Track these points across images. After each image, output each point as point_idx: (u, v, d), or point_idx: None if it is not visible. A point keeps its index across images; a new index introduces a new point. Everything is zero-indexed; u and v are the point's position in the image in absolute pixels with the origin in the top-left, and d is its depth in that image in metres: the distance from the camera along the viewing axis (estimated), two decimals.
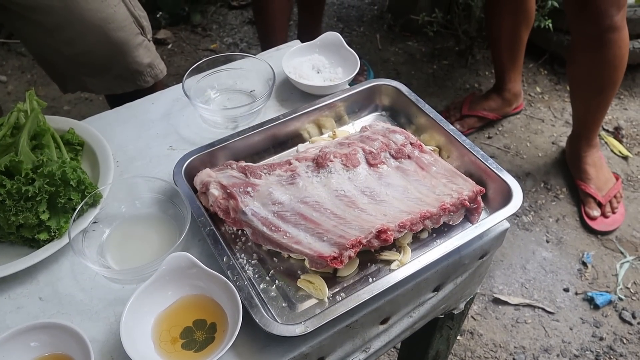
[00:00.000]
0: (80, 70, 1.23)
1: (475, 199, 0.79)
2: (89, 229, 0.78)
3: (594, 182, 1.89)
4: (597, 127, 1.87)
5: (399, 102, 0.96)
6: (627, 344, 1.56)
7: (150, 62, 1.25)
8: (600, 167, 1.92)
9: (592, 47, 1.63)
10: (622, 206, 1.90)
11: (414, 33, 2.65)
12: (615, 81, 1.70)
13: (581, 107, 1.84)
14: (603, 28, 1.57)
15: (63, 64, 1.22)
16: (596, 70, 1.68)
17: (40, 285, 0.75)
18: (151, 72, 1.26)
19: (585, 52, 1.67)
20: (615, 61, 1.64)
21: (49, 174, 0.75)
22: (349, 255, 0.69)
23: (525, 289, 1.69)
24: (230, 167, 0.82)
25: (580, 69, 1.73)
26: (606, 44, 1.60)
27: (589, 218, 1.88)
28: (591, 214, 1.87)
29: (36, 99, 0.89)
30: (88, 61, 1.19)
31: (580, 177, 1.93)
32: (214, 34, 2.70)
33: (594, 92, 1.74)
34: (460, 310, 0.98)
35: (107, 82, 1.25)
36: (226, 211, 0.77)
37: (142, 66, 1.23)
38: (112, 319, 0.70)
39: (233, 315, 0.66)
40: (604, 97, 1.75)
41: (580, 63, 1.71)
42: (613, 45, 1.60)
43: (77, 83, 1.28)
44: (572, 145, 1.96)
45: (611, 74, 1.67)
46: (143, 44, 1.22)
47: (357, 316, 0.71)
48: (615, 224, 1.85)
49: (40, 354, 0.65)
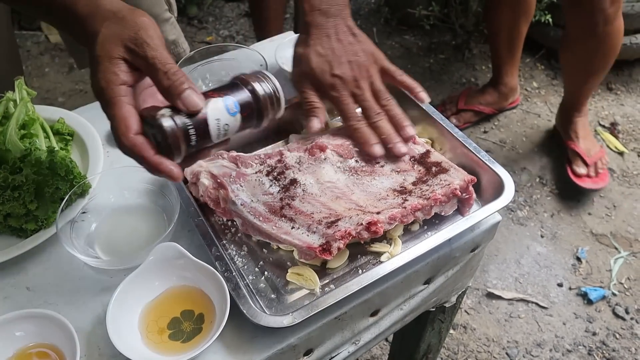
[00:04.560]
0: None
1: (466, 188, 0.78)
2: (77, 219, 0.77)
3: (582, 143, 1.95)
4: (586, 99, 1.94)
5: (392, 95, 0.95)
6: (619, 339, 1.56)
7: (175, 39, 1.25)
8: (588, 133, 1.98)
9: (585, 37, 1.65)
10: (606, 172, 1.95)
11: (411, 27, 2.64)
12: (606, 66, 1.75)
13: (572, 86, 1.90)
14: (597, 20, 1.58)
15: None
16: (588, 58, 1.71)
17: (28, 275, 0.74)
18: (174, 50, 1.26)
19: (578, 41, 1.69)
20: (609, 51, 1.68)
21: (36, 163, 0.75)
22: (338, 246, 0.68)
23: (519, 283, 1.69)
24: (221, 157, 0.81)
25: (573, 56, 1.77)
26: (599, 35, 1.62)
27: (575, 175, 1.93)
28: (578, 172, 1.93)
29: (25, 88, 0.88)
30: None
31: (570, 137, 1.99)
32: (210, 26, 2.69)
33: (586, 75, 1.80)
34: (451, 303, 0.98)
35: None
36: (216, 201, 0.77)
37: (167, 42, 1.23)
38: (100, 310, 0.70)
39: (221, 306, 0.65)
40: (595, 78, 1.82)
41: (574, 51, 1.74)
42: (606, 37, 1.63)
43: None
44: (563, 112, 2.02)
45: (603, 60, 1.72)
46: (170, 20, 1.22)
47: (346, 308, 0.71)
48: (599, 184, 1.91)
49: (25, 344, 0.64)
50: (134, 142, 0.58)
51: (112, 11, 0.60)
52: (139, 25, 0.59)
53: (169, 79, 0.58)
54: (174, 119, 0.58)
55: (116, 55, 0.58)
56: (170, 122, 0.58)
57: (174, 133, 0.58)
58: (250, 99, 0.64)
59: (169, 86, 0.58)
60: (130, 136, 0.57)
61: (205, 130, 0.60)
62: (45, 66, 2.51)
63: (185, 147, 0.60)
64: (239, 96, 0.64)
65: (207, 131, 0.61)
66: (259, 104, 0.65)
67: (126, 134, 0.57)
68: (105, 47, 0.58)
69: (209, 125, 0.60)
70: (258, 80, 0.65)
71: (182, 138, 0.59)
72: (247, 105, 0.64)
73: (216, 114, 0.61)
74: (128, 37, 0.58)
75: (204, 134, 0.61)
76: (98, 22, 0.59)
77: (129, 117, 0.57)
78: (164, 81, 0.58)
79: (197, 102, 0.59)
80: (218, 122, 0.61)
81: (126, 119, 0.57)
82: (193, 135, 0.60)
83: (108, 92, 0.58)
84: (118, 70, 0.58)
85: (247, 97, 0.64)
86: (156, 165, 0.59)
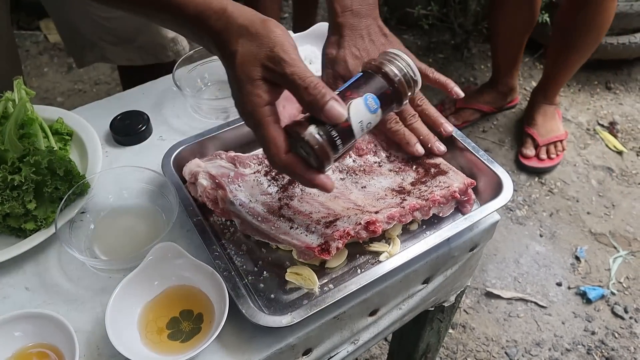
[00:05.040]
0: (104, 37, 1.23)
1: (465, 191, 0.78)
2: (76, 219, 0.77)
3: (536, 128, 1.99)
4: (558, 87, 1.97)
5: None
6: (618, 338, 1.56)
7: (174, 37, 1.26)
8: (550, 118, 2.01)
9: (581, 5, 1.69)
10: (559, 157, 1.99)
11: (410, 26, 2.64)
12: (591, 44, 1.78)
13: (550, 63, 1.93)
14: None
15: (88, 29, 1.22)
16: (579, 30, 1.74)
17: (26, 275, 0.74)
18: (173, 48, 1.26)
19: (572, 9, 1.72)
20: (600, 25, 1.71)
21: (35, 163, 0.74)
22: (337, 246, 0.68)
23: (518, 283, 1.69)
24: (219, 157, 0.81)
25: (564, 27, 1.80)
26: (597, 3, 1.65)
27: (522, 156, 1.98)
28: (524, 152, 1.98)
29: (24, 88, 0.88)
30: (115, 28, 1.19)
31: (527, 122, 2.04)
32: None
33: (568, 49, 1.82)
34: (450, 302, 0.98)
35: (128, 52, 1.25)
36: (215, 201, 0.77)
37: (166, 40, 1.24)
38: (99, 310, 0.70)
39: (220, 306, 0.65)
40: (574, 58, 1.84)
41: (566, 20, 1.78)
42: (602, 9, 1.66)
43: (96, 53, 1.28)
44: (532, 98, 2.07)
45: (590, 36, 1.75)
46: None
47: (345, 307, 0.71)
48: (546, 164, 1.95)
49: (24, 344, 0.64)
50: (286, 162, 0.60)
51: (245, 26, 0.60)
52: (274, 41, 0.59)
53: (309, 94, 0.58)
54: (320, 133, 0.59)
55: (256, 77, 0.59)
56: (317, 138, 0.59)
57: (322, 148, 0.59)
58: (388, 88, 0.63)
59: (310, 101, 0.58)
60: (282, 157, 0.60)
61: (349, 134, 0.61)
62: (44, 66, 2.51)
63: (333, 155, 0.61)
64: (377, 88, 0.63)
65: (351, 134, 0.61)
66: (396, 89, 0.64)
67: (279, 155, 0.59)
68: (244, 69, 0.59)
69: (353, 130, 0.61)
70: (389, 62, 0.64)
71: (330, 149, 0.60)
72: (386, 96, 0.63)
73: (359, 117, 0.61)
74: (265, 55, 0.58)
75: (349, 138, 0.61)
76: (233, 40, 0.60)
77: (278, 138, 0.59)
78: (305, 97, 0.58)
79: (341, 113, 0.58)
80: (361, 124, 0.61)
81: (276, 139, 0.59)
82: (340, 145, 0.60)
83: (255, 115, 0.59)
84: (261, 91, 0.59)
85: (385, 86, 0.63)
86: (311, 181, 0.61)
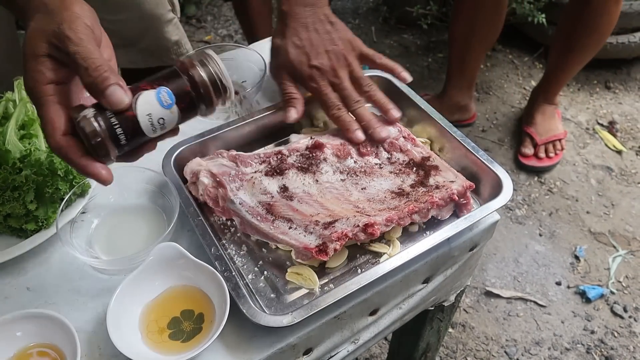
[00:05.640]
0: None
1: (464, 194, 0.78)
2: (77, 219, 0.77)
3: (535, 127, 1.99)
4: (558, 88, 1.96)
5: (391, 94, 0.95)
6: (618, 337, 1.57)
7: (177, 40, 1.25)
8: (549, 118, 2.00)
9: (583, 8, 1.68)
10: (558, 156, 1.98)
11: (409, 25, 2.65)
12: (593, 45, 1.77)
13: (551, 64, 1.91)
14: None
15: None
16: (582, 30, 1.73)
17: (28, 275, 0.74)
18: (177, 50, 1.26)
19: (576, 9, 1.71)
20: (603, 26, 1.70)
21: (36, 164, 0.75)
22: (335, 247, 0.68)
23: (518, 282, 1.69)
24: (220, 155, 0.82)
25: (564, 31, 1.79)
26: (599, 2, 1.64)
27: (521, 155, 1.98)
28: (523, 151, 1.98)
29: None
30: (119, 30, 1.19)
31: (526, 121, 2.03)
32: (209, 25, 2.69)
33: (570, 51, 1.81)
34: (450, 302, 0.98)
35: (132, 55, 1.25)
36: (215, 200, 0.77)
37: (170, 43, 1.24)
38: (100, 310, 0.70)
39: (220, 305, 0.65)
40: (576, 59, 1.83)
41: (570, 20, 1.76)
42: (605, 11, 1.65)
43: None
44: (531, 97, 2.06)
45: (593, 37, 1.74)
46: (173, 21, 1.23)
47: (346, 307, 0.71)
48: (545, 163, 1.95)
49: (26, 344, 0.65)
50: (60, 144, 0.55)
51: (45, 3, 0.56)
52: (63, 18, 0.54)
53: (89, 75, 0.53)
54: (98, 119, 0.55)
55: (41, 53, 0.55)
56: (92, 123, 0.55)
57: (97, 134, 0.55)
58: (188, 88, 0.59)
59: (90, 83, 0.54)
60: (57, 138, 0.55)
61: (135, 127, 0.56)
62: None
63: (114, 146, 0.56)
64: (175, 86, 0.58)
65: (138, 128, 0.57)
66: (199, 91, 0.59)
67: (53, 136, 0.55)
68: (30, 44, 0.55)
69: (139, 122, 0.56)
70: (199, 64, 0.59)
71: (109, 138, 0.55)
72: (184, 95, 0.59)
73: (147, 109, 0.56)
74: (51, 32, 0.54)
75: (135, 131, 0.57)
76: (30, 15, 0.56)
77: (56, 118, 0.55)
78: (85, 78, 0.54)
79: (122, 98, 0.54)
80: (150, 117, 0.57)
81: (53, 119, 0.55)
82: (122, 135, 0.56)
83: (35, 92, 0.55)
84: (44, 68, 0.55)
85: (184, 85, 0.58)
86: (83, 168, 0.56)
